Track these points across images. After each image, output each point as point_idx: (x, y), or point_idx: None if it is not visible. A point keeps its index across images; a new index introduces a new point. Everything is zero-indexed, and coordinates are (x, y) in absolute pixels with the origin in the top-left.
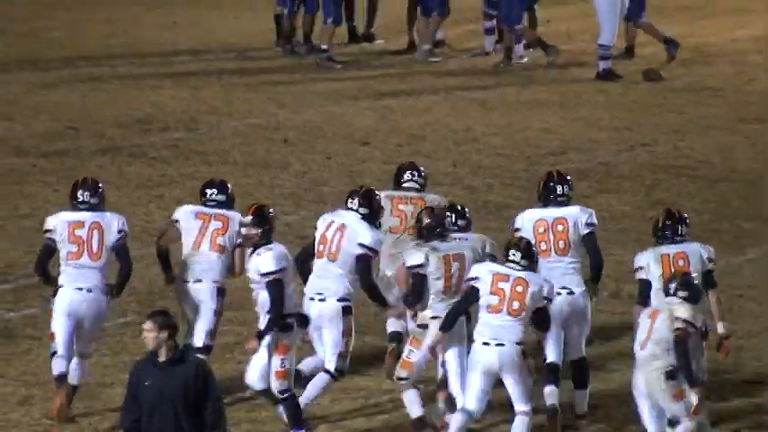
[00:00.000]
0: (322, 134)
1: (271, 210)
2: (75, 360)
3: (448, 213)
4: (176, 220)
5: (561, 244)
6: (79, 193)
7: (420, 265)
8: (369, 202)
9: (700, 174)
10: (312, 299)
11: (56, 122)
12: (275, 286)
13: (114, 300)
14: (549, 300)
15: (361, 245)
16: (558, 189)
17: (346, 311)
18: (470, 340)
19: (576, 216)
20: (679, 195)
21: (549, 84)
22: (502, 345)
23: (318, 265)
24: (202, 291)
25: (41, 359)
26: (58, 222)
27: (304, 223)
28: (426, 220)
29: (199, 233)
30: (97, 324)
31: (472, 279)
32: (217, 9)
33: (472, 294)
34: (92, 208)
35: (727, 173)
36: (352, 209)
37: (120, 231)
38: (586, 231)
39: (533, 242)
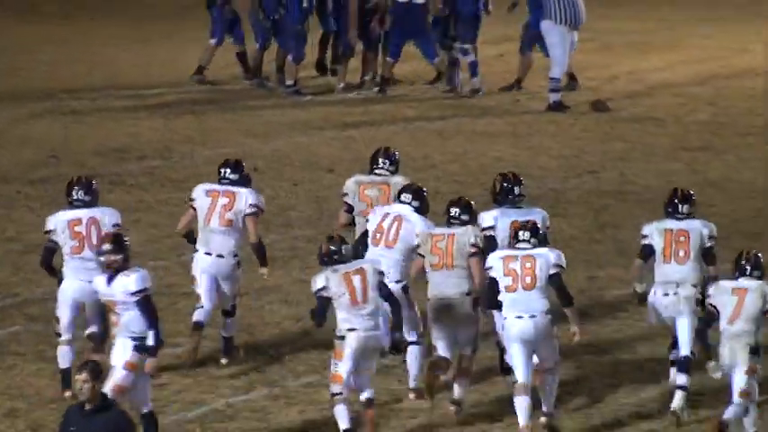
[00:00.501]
0: (290, 162)
1: (126, 237)
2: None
3: (453, 207)
4: (193, 199)
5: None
6: (74, 191)
7: (323, 288)
8: (420, 196)
9: (644, 198)
10: (520, 317)
11: (40, 152)
12: (148, 302)
13: None
14: (561, 266)
15: (418, 235)
16: (516, 190)
17: (405, 290)
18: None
19: (542, 218)
20: (625, 218)
21: (503, 115)
22: (534, 316)
23: (375, 252)
24: (223, 264)
25: (26, 373)
26: (58, 222)
27: (273, 246)
28: (325, 247)
29: (208, 210)
30: (99, 308)
31: (488, 269)
32: (189, 46)
33: (492, 283)
34: (86, 205)
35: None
36: (405, 202)
37: (114, 225)
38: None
39: (507, 240)
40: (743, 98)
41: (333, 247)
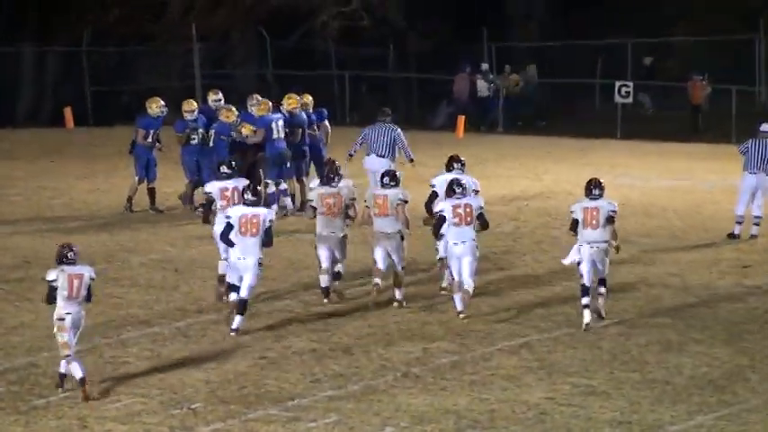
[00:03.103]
0: (200, 266)
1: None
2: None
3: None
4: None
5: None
6: (222, 168)
7: (54, 280)
8: (463, 164)
9: None
10: (457, 243)
11: (16, 258)
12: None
13: None
14: (483, 208)
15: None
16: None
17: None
18: None
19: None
20: (451, 306)
21: (354, 227)
22: (465, 242)
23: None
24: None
25: (6, 423)
26: (214, 188)
27: (190, 327)
28: (59, 251)
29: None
30: None
31: (440, 211)
32: (127, 180)
33: (441, 219)
34: (229, 176)
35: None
36: (456, 169)
37: (244, 188)
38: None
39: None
40: (537, 215)
41: (64, 251)
